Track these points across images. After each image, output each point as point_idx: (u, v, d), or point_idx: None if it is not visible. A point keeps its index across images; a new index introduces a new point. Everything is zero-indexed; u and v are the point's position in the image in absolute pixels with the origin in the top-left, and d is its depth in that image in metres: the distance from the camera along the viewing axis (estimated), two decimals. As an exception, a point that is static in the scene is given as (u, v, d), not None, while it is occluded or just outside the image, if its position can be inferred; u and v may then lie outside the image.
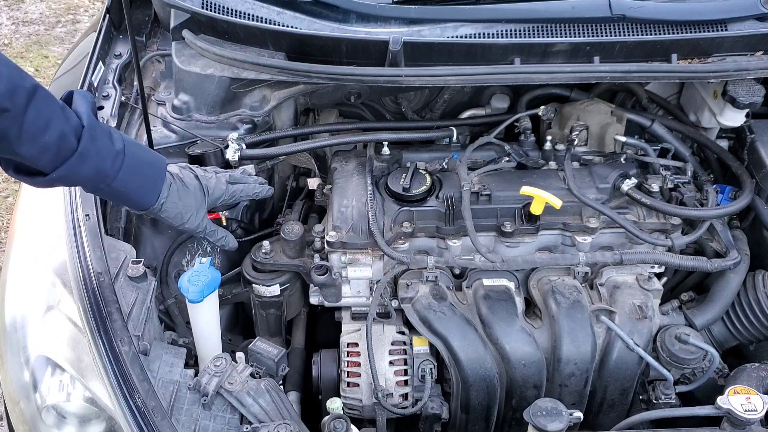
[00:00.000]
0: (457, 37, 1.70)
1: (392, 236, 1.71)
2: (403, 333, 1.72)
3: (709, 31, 1.71)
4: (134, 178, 1.43)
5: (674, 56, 1.72)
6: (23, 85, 1.19)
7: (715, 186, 1.85)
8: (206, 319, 1.61)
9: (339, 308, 1.84)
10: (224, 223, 1.88)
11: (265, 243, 1.79)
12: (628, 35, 1.70)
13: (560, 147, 1.89)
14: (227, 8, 1.73)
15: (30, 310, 1.50)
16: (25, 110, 1.19)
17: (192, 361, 1.66)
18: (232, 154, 1.74)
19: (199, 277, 1.56)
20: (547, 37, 1.69)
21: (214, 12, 1.73)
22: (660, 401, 1.66)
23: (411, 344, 1.70)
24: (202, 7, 1.73)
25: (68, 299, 1.47)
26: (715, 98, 1.85)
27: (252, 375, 1.48)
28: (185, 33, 1.77)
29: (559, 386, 1.63)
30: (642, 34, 1.70)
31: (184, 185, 1.55)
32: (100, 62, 1.96)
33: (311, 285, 1.78)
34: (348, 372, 1.68)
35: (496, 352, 1.62)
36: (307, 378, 1.78)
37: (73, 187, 1.63)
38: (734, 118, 1.85)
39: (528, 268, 1.75)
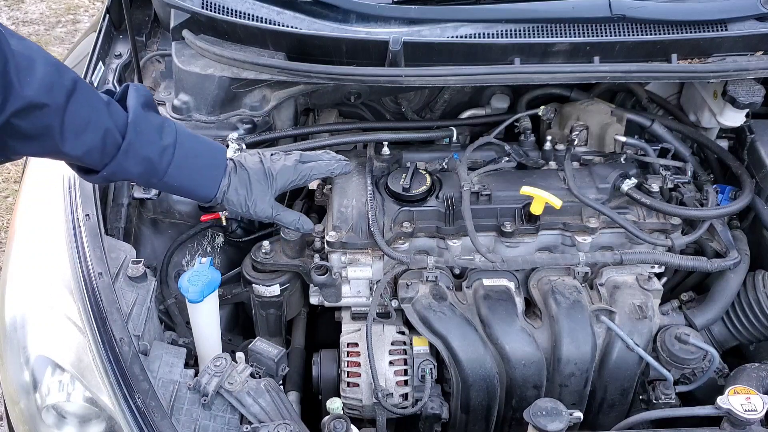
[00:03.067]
0: (457, 37, 1.70)
1: (392, 236, 1.71)
2: (403, 333, 1.72)
3: (709, 31, 1.71)
4: (187, 171, 1.40)
5: (674, 56, 1.72)
6: (61, 82, 1.18)
7: (715, 186, 1.85)
8: (206, 319, 1.61)
9: (339, 308, 1.84)
10: (224, 223, 1.88)
11: (265, 243, 1.79)
12: (628, 35, 1.70)
13: (560, 147, 1.89)
14: (227, 8, 1.73)
15: (30, 310, 1.50)
16: (65, 106, 1.18)
17: (192, 361, 1.66)
18: (232, 154, 1.74)
19: (199, 277, 1.56)
20: (547, 37, 1.69)
21: (214, 12, 1.73)
22: (660, 401, 1.66)
23: (411, 344, 1.70)
24: (202, 7, 1.73)
25: (68, 299, 1.47)
26: (715, 98, 1.85)
27: (252, 375, 1.48)
28: (185, 33, 1.77)
29: (559, 386, 1.63)
30: (642, 34, 1.70)
31: (246, 171, 1.49)
32: (100, 62, 1.96)
33: (311, 285, 1.78)
34: (348, 372, 1.68)
35: (496, 352, 1.62)
36: (307, 378, 1.78)
37: (73, 188, 1.63)
38: (734, 118, 1.85)
39: (528, 268, 1.75)
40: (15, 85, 1.12)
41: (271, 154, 1.58)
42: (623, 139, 1.87)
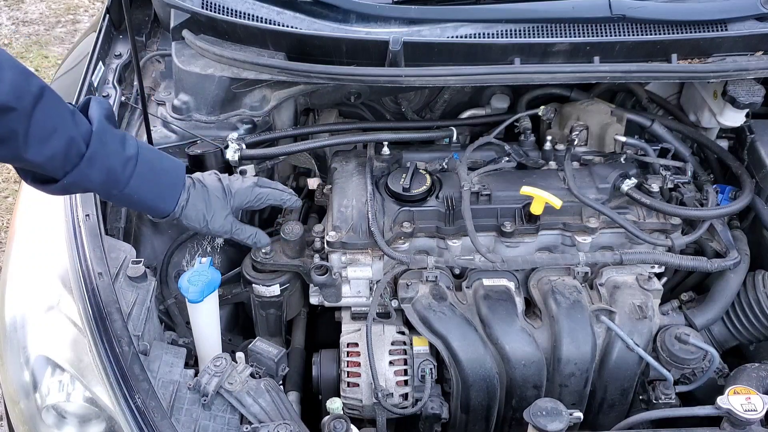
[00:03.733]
0: (457, 37, 1.70)
1: (392, 236, 1.71)
2: (403, 333, 1.72)
3: (709, 31, 1.71)
4: (148, 184, 1.41)
5: (674, 56, 1.72)
6: (29, 89, 1.18)
7: (715, 186, 1.85)
8: (206, 319, 1.61)
9: (339, 308, 1.84)
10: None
11: (265, 243, 1.79)
12: (628, 35, 1.70)
13: (560, 147, 1.89)
14: (227, 8, 1.73)
15: (30, 310, 1.50)
16: (31, 112, 1.18)
17: (192, 361, 1.66)
18: (232, 154, 1.74)
19: (199, 277, 1.56)
20: (547, 37, 1.69)
21: (214, 12, 1.73)
22: (660, 401, 1.66)
23: (411, 344, 1.70)
24: (202, 7, 1.73)
25: (68, 299, 1.47)
26: (715, 98, 1.85)
27: (252, 375, 1.48)
28: (185, 33, 1.77)
29: (559, 386, 1.63)
30: (642, 34, 1.70)
31: (205, 188, 1.53)
32: (100, 62, 1.96)
33: (311, 285, 1.78)
34: (348, 372, 1.68)
35: (496, 352, 1.62)
36: (307, 378, 1.78)
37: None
38: (734, 118, 1.85)
39: (528, 268, 1.75)
40: None
41: (229, 175, 1.62)
42: (623, 139, 1.87)
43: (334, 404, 1.50)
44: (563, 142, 1.92)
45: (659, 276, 1.81)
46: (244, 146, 1.77)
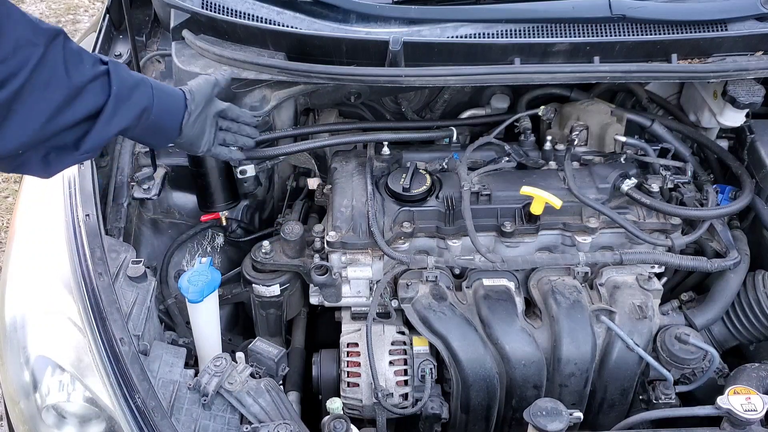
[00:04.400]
0: (457, 37, 1.70)
1: (392, 236, 1.71)
2: (403, 333, 1.72)
3: (709, 31, 1.70)
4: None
5: (674, 56, 1.72)
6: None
7: (715, 186, 1.85)
8: (206, 319, 1.61)
9: (339, 308, 1.84)
10: (224, 223, 1.88)
11: (265, 243, 1.79)
12: (628, 35, 1.70)
13: (560, 147, 1.89)
14: (227, 8, 1.73)
15: (30, 310, 1.50)
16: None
17: (192, 361, 1.66)
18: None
19: (199, 277, 1.56)
20: (547, 37, 1.69)
21: (214, 12, 1.73)
22: (660, 401, 1.66)
23: (411, 344, 1.70)
24: (202, 7, 1.73)
25: (68, 299, 1.47)
26: (715, 98, 1.85)
27: (252, 375, 1.48)
28: (185, 33, 1.77)
29: (559, 386, 1.63)
30: (642, 34, 1.70)
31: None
32: (100, 62, 1.96)
33: (311, 285, 1.78)
34: (348, 372, 1.68)
35: (496, 352, 1.62)
36: (307, 378, 1.78)
37: (73, 188, 1.63)
38: (734, 118, 1.85)
39: (528, 268, 1.75)
40: None
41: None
42: (623, 139, 1.87)
43: (334, 404, 1.50)
44: (563, 142, 1.92)
45: (659, 276, 1.81)
46: (244, 146, 1.77)
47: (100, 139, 1.27)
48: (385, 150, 1.89)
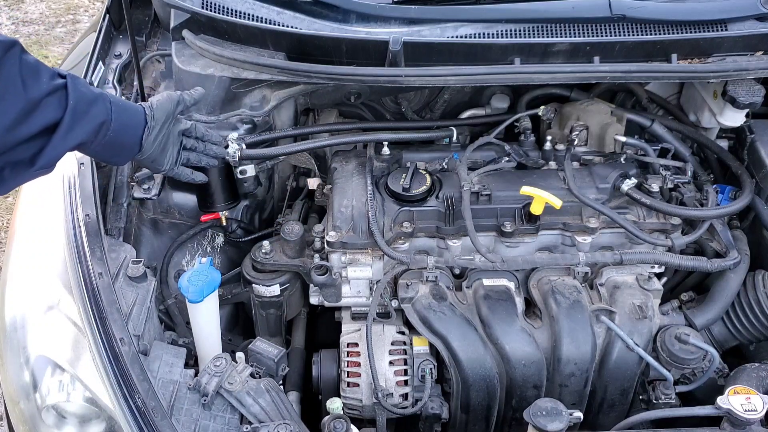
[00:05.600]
0: (457, 37, 1.70)
1: (392, 236, 1.71)
2: (403, 333, 1.72)
3: (709, 31, 1.71)
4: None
5: (674, 56, 1.72)
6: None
7: (715, 186, 1.85)
8: (206, 319, 1.61)
9: (339, 308, 1.84)
10: (224, 223, 1.88)
11: (265, 243, 1.79)
12: (628, 35, 1.70)
13: (560, 147, 1.89)
14: (227, 8, 1.73)
15: (30, 310, 1.50)
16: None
17: (192, 361, 1.66)
18: (232, 154, 1.74)
19: (199, 277, 1.56)
20: (547, 37, 1.69)
21: (214, 12, 1.73)
22: (660, 401, 1.66)
23: (411, 344, 1.70)
24: (202, 7, 1.73)
25: (68, 299, 1.47)
26: (715, 98, 1.85)
27: (252, 375, 1.48)
28: (185, 33, 1.77)
29: (559, 386, 1.63)
30: (642, 34, 1.70)
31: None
32: (100, 62, 1.96)
33: (311, 285, 1.78)
34: (348, 372, 1.68)
35: (496, 352, 1.62)
36: (307, 378, 1.78)
37: (73, 188, 1.63)
38: (734, 118, 1.85)
39: (528, 268, 1.75)
40: None
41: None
42: (623, 139, 1.87)
43: (334, 404, 1.50)
44: (563, 142, 1.92)
45: (659, 276, 1.81)
46: (244, 146, 1.77)
47: (56, 153, 1.25)
48: (385, 150, 1.89)
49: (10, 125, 1.15)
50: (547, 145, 1.90)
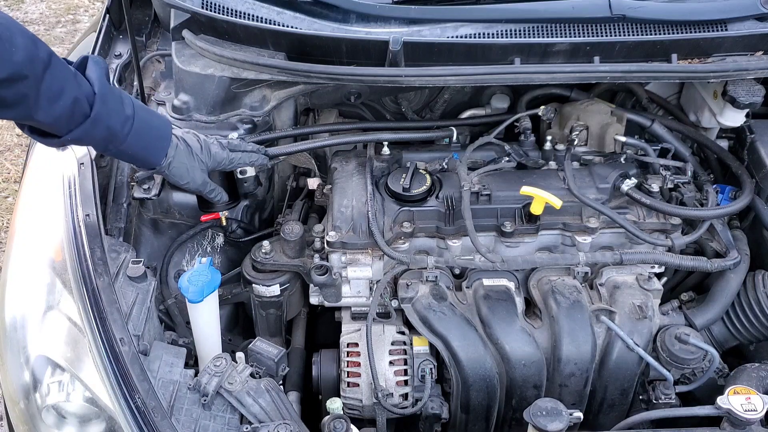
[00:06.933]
0: (457, 37, 1.70)
1: (392, 236, 1.71)
2: (403, 333, 1.72)
3: (709, 31, 1.71)
4: (142, 139, 1.49)
5: (674, 56, 1.72)
6: (39, 55, 1.26)
7: (715, 186, 1.85)
8: (206, 319, 1.61)
9: (339, 308, 1.84)
10: (224, 223, 1.88)
11: (265, 243, 1.79)
12: (628, 35, 1.70)
13: (560, 147, 1.89)
14: (227, 8, 1.73)
15: (30, 310, 1.50)
16: (42, 77, 1.25)
17: (192, 361, 1.66)
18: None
19: (199, 277, 1.56)
20: (547, 37, 1.69)
21: (214, 12, 1.73)
22: (660, 401, 1.66)
23: (411, 344, 1.70)
24: (202, 7, 1.73)
25: (68, 299, 1.47)
26: (715, 98, 1.85)
27: (252, 375, 1.48)
28: (185, 33, 1.77)
29: (559, 386, 1.63)
30: (642, 34, 1.70)
31: (188, 146, 1.59)
32: (100, 62, 1.96)
33: (311, 285, 1.78)
34: (348, 372, 1.68)
35: (496, 352, 1.62)
36: (307, 378, 1.78)
37: (73, 188, 1.63)
38: (734, 118, 1.85)
39: (528, 268, 1.75)
40: (2, 55, 1.18)
41: (205, 136, 1.67)
42: (623, 139, 1.87)
43: (334, 404, 1.50)
44: (563, 142, 1.92)
45: (659, 276, 1.81)
46: (244, 146, 1.77)
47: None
48: (385, 150, 1.89)
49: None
50: (547, 145, 1.90)
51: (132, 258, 1.58)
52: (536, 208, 1.68)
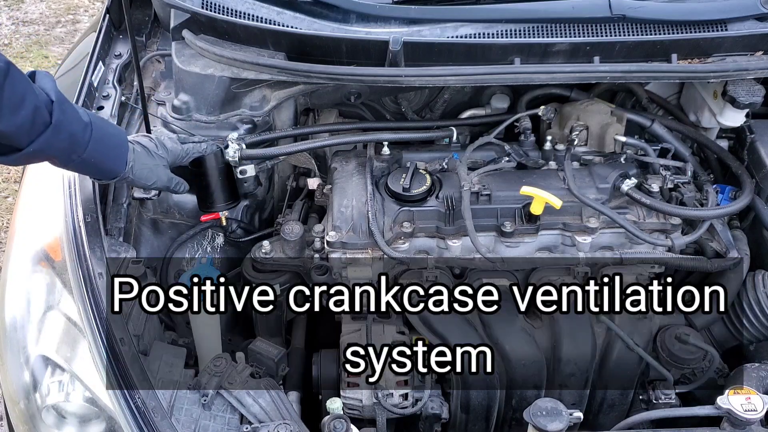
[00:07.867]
0: (457, 37, 1.70)
1: (392, 236, 1.71)
2: (403, 333, 1.72)
3: (709, 31, 1.71)
4: (103, 146, 1.47)
5: (674, 56, 1.72)
6: None
7: (715, 186, 1.85)
8: (206, 320, 1.61)
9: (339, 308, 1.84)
10: (224, 223, 1.88)
11: (265, 243, 1.79)
12: (628, 35, 1.70)
13: (560, 147, 1.89)
14: (227, 8, 1.73)
15: (30, 310, 1.50)
16: (2, 86, 1.23)
17: (192, 361, 1.66)
18: (232, 154, 1.74)
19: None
20: (547, 37, 1.69)
21: (214, 12, 1.73)
22: (660, 401, 1.66)
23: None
24: (202, 7, 1.73)
25: (68, 299, 1.47)
26: (715, 98, 1.85)
27: (252, 375, 1.48)
28: (185, 33, 1.77)
29: (559, 386, 1.63)
30: (642, 34, 1.70)
31: (145, 147, 1.59)
32: (100, 62, 1.96)
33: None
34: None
35: (496, 352, 1.62)
36: (307, 378, 1.78)
37: (73, 188, 1.63)
38: (734, 118, 1.85)
39: (528, 268, 1.75)
40: None
41: (156, 136, 1.67)
42: (623, 139, 1.87)
43: (334, 404, 1.50)
44: (563, 142, 1.92)
45: (659, 276, 1.80)
46: (244, 146, 1.77)
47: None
48: (385, 150, 1.89)
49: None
50: (547, 145, 1.90)
51: (132, 258, 1.58)
52: (536, 208, 1.68)
